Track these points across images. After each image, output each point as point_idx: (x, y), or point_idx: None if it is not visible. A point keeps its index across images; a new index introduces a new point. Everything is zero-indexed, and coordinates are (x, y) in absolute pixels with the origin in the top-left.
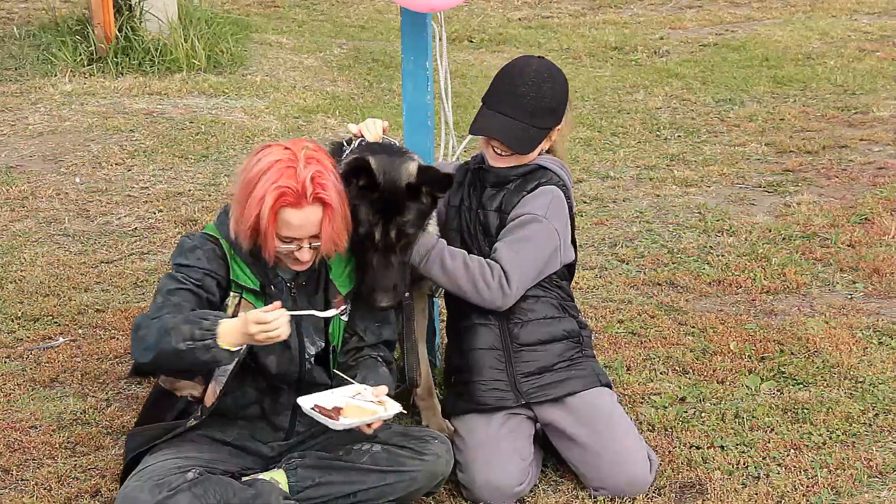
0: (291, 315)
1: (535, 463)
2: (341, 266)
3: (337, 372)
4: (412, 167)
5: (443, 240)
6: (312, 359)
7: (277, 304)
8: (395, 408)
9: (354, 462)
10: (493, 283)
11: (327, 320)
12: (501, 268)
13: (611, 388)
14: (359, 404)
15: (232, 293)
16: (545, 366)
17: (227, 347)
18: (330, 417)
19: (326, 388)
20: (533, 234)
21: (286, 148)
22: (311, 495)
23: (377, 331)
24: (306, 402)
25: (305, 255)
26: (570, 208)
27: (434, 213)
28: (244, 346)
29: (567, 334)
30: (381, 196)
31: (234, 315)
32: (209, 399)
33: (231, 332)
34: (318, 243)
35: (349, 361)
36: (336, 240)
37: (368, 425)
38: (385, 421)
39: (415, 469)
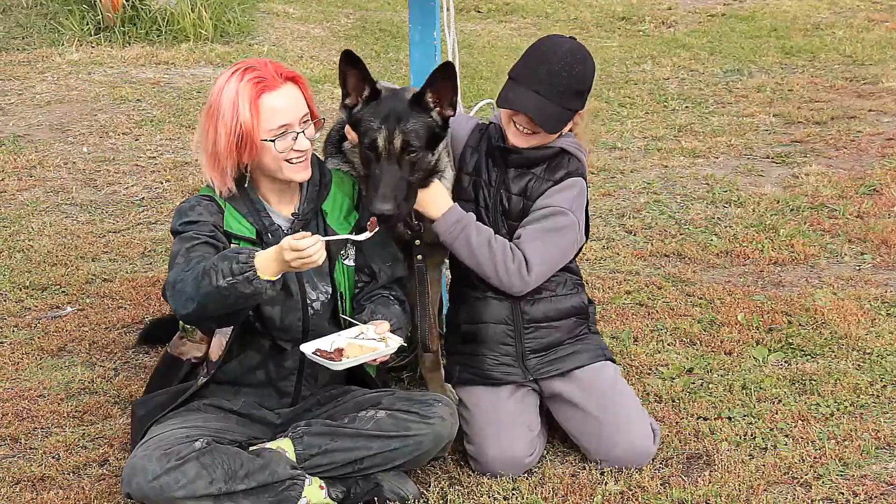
0: (327, 240)
1: (542, 434)
2: (337, 211)
3: (345, 316)
4: (435, 72)
5: (472, 214)
6: (317, 304)
7: (307, 233)
8: (396, 342)
9: (360, 429)
10: (513, 268)
11: (331, 262)
12: (524, 255)
13: (614, 362)
14: (361, 343)
15: (232, 244)
16: (553, 342)
17: (268, 277)
18: (331, 360)
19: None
20: (558, 226)
21: (236, 65)
22: (317, 462)
23: (389, 270)
24: (308, 347)
25: (303, 141)
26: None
27: (448, 157)
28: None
29: (576, 310)
30: (384, 104)
31: None
32: (214, 353)
33: (268, 262)
34: (309, 120)
35: (362, 301)
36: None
37: (374, 360)
38: (388, 356)
39: (420, 433)
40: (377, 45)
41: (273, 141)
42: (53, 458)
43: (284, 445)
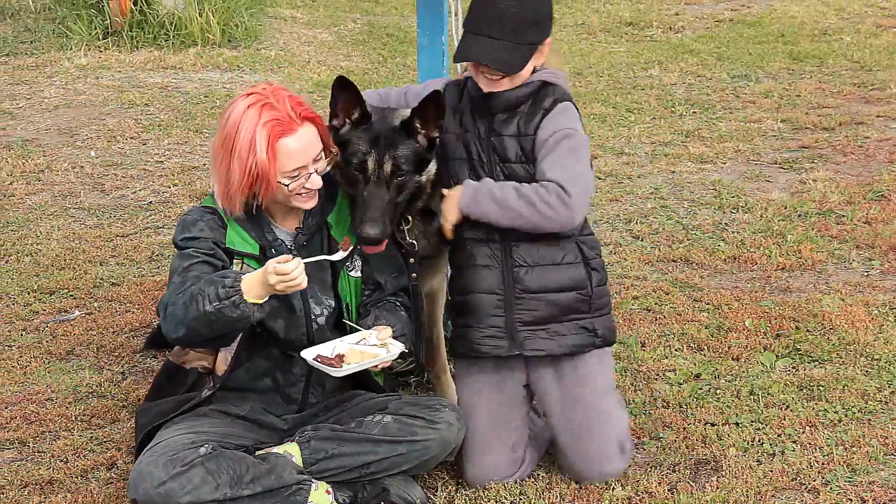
0: (305, 262)
1: (532, 448)
2: (343, 223)
3: (348, 322)
4: (406, 111)
5: (486, 178)
6: (321, 319)
7: (288, 256)
8: (397, 348)
9: (366, 433)
10: (553, 199)
11: (335, 276)
12: (555, 184)
13: (610, 344)
14: (362, 349)
15: (235, 260)
16: (546, 317)
17: (255, 301)
18: (332, 366)
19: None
20: (572, 146)
21: (249, 94)
22: (324, 467)
23: (394, 280)
24: (309, 353)
25: (317, 180)
26: None
27: (433, 163)
28: (268, 299)
29: (574, 283)
30: (373, 128)
31: None
32: (220, 367)
33: (253, 285)
34: (322, 159)
35: (369, 307)
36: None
37: (375, 366)
38: (389, 362)
39: (427, 438)
40: (384, 50)
41: (286, 183)
42: (61, 461)
43: (291, 450)
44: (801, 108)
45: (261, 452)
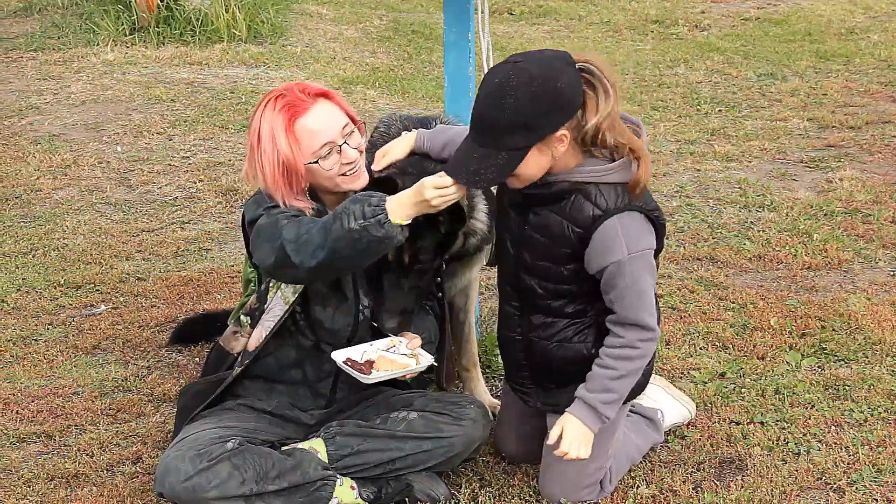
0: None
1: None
2: None
3: (376, 324)
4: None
5: (585, 393)
6: (367, 311)
7: (442, 173)
8: (427, 360)
9: (392, 430)
10: (639, 347)
11: (380, 275)
12: (630, 324)
13: (632, 398)
14: (392, 357)
15: None
16: (569, 378)
17: (399, 222)
18: (361, 372)
19: None
20: (630, 280)
21: (269, 95)
22: (349, 463)
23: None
24: (339, 355)
25: (349, 152)
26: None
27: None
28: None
29: (583, 359)
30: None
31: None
32: (252, 344)
33: (400, 205)
34: (352, 130)
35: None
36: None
37: (403, 376)
38: (419, 373)
39: (452, 435)
40: (409, 47)
41: (317, 162)
42: (87, 455)
43: (316, 445)
44: (827, 106)
45: (286, 448)
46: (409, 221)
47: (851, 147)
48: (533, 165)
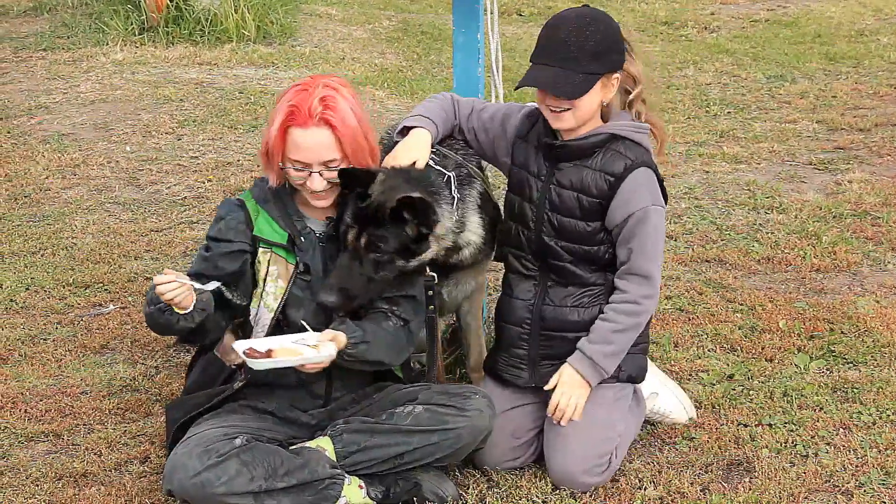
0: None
1: (537, 441)
2: None
3: (303, 322)
4: (404, 196)
5: (585, 344)
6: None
7: (169, 270)
8: (326, 350)
9: (398, 424)
10: (642, 303)
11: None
12: (636, 275)
13: (635, 382)
14: (294, 347)
15: (261, 249)
16: (569, 353)
17: (180, 311)
18: (254, 359)
19: None
20: (651, 228)
21: (311, 77)
22: (357, 460)
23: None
24: (241, 345)
25: (315, 183)
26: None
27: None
28: (194, 312)
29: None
30: (366, 206)
31: (267, 273)
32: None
33: None
34: (337, 165)
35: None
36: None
37: (302, 365)
38: (317, 363)
39: (458, 426)
40: (419, 48)
41: (284, 168)
42: (95, 454)
43: (324, 444)
44: (836, 108)
45: (294, 447)
46: (189, 310)
47: (861, 149)
48: (592, 100)
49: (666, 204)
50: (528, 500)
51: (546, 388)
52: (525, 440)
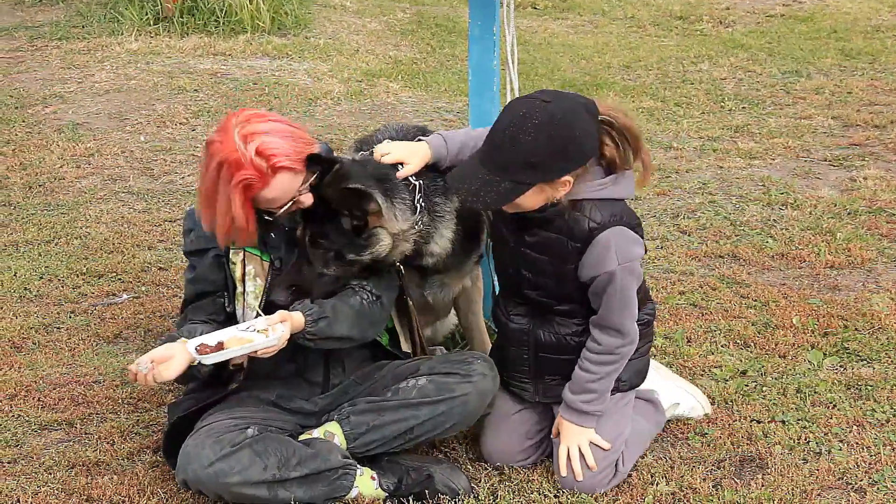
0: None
1: (543, 445)
2: None
3: (259, 311)
4: (341, 188)
5: (568, 394)
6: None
7: (139, 361)
8: (277, 332)
9: (404, 399)
10: (616, 351)
11: None
12: (609, 328)
13: (636, 387)
14: (244, 336)
15: (232, 250)
16: (569, 372)
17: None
18: (205, 354)
19: None
20: (619, 289)
21: (220, 140)
22: (368, 440)
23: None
24: (192, 343)
25: (307, 199)
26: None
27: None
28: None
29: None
30: (314, 200)
31: (245, 273)
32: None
33: None
34: (306, 188)
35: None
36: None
37: (255, 352)
38: (269, 347)
39: (464, 392)
40: (433, 40)
41: (273, 212)
42: (108, 443)
43: (332, 429)
44: (852, 105)
45: (304, 437)
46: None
47: (876, 146)
48: (530, 200)
49: (644, 249)
50: (539, 494)
51: (553, 437)
52: (537, 440)
